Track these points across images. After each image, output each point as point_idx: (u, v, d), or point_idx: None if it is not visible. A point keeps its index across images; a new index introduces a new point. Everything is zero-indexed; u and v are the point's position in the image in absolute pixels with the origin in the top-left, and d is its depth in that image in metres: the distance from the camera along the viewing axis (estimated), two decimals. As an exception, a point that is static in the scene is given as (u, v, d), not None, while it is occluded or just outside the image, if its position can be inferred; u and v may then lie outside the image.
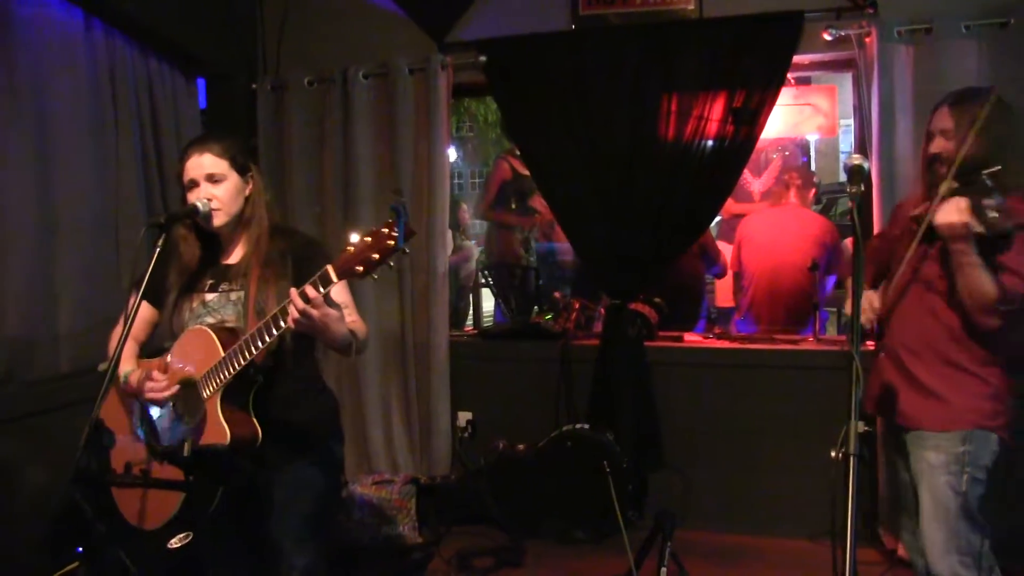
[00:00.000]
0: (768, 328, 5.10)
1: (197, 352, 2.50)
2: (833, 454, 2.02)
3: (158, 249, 2.45)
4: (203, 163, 2.57)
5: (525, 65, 4.70)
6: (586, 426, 4.48)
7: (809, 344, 4.67)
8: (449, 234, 4.98)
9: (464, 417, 4.96)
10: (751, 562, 4.25)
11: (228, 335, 2.47)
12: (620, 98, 4.53)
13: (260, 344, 2.34)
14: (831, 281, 5.35)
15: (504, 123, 4.96)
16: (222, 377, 2.41)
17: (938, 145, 2.80)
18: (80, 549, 3.80)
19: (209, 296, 2.61)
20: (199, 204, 2.52)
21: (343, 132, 4.93)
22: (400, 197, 2.18)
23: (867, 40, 4.24)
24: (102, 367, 4.20)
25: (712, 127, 4.44)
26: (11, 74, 3.78)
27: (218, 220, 2.57)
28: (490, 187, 6.49)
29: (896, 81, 4.17)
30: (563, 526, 4.46)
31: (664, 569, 3.58)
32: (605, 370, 4.62)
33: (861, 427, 2.00)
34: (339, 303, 2.44)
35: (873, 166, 4.18)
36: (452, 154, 7.96)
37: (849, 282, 2.96)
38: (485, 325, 6.39)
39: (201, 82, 5.16)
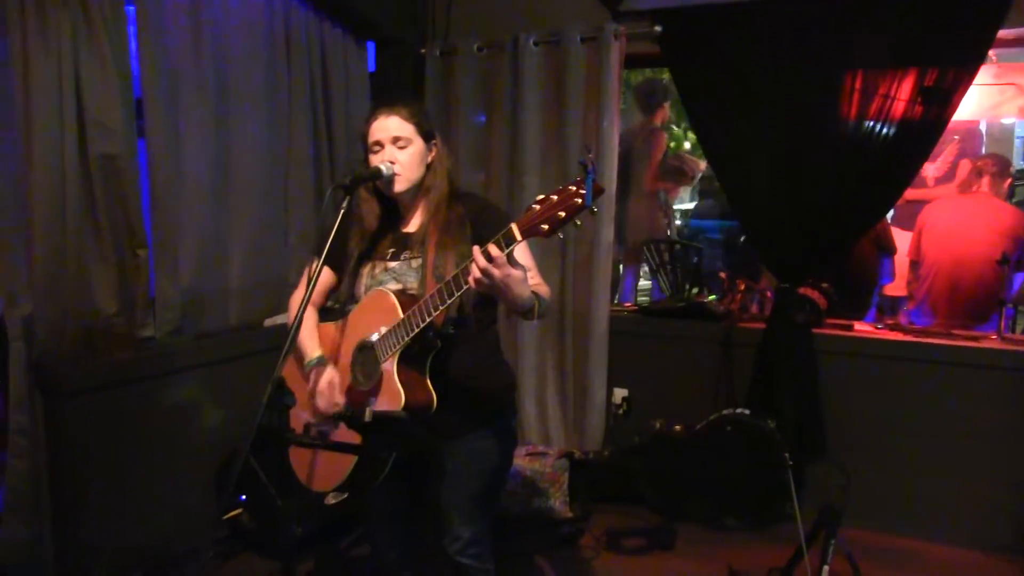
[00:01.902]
0: (945, 321, 4.84)
1: (377, 315, 2.48)
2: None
3: (342, 213, 2.44)
4: (389, 126, 2.55)
5: (701, 37, 4.55)
6: (747, 412, 4.35)
7: (992, 342, 4.39)
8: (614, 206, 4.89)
9: (620, 394, 4.90)
10: (919, 568, 4.06)
11: (409, 300, 2.44)
12: (799, 74, 4.33)
13: (440, 305, 2.28)
14: (1019, 277, 5.03)
15: (679, 97, 4.81)
16: (400, 340, 2.38)
17: None
18: (243, 497, 3.96)
19: (392, 263, 2.59)
20: (383, 168, 2.50)
21: (511, 99, 4.89)
22: (589, 154, 2.06)
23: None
24: (268, 323, 4.33)
25: (898, 107, 4.19)
26: (195, 34, 3.88)
27: (400, 185, 2.55)
28: (654, 158, 6.37)
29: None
30: (716, 512, 4.37)
31: (827, 567, 3.44)
32: (769, 355, 4.47)
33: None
34: (522, 265, 2.32)
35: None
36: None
37: None
38: (639, 301, 6.26)
39: (371, 45, 5.21)
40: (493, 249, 2.09)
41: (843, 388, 4.46)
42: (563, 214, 2.01)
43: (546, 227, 2.04)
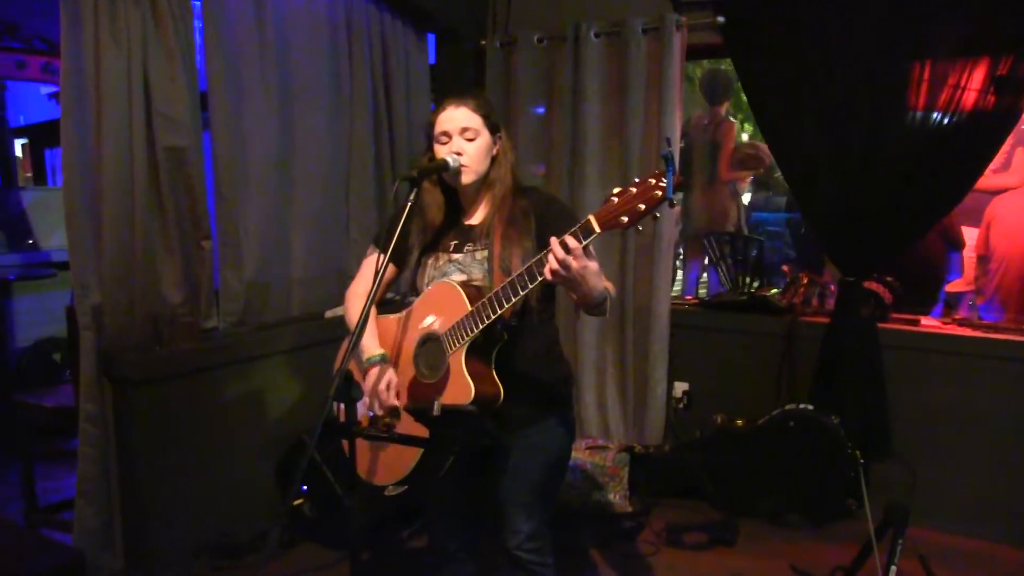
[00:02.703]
0: (1017, 317, 4.72)
1: (443, 307, 2.47)
2: None
3: (409, 205, 2.41)
4: (458, 116, 2.54)
5: (763, 27, 4.47)
6: (810, 407, 4.29)
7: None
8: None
9: (680, 387, 4.87)
10: (983, 569, 3.95)
11: (475, 292, 2.43)
12: (864, 63, 4.23)
13: (512, 297, 2.26)
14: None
15: (742, 87, 4.76)
16: (469, 332, 2.36)
17: None
18: (305, 488, 4.01)
19: (456, 256, 2.58)
20: (450, 159, 2.49)
21: (572, 91, 4.87)
22: (669, 147, 2.04)
23: None
24: (329, 314, 4.36)
25: (970, 97, 4.07)
26: (259, 28, 3.92)
27: (466, 177, 2.54)
28: (726, 148, 6.32)
29: None
30: (778, 508, 4.31)
31: (894, 567, 3.37)
32: (833, 350, 4.40)
33: None
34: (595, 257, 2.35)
35: None
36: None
37: None
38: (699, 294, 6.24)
39: (431, 37, 5.22)
40: (571, 240, 2.07)
41: (909, 384, 4.37)
42: (643, 207, 2.01)
43: (626, 219, 2.03)
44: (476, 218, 2.63)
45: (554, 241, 2.09)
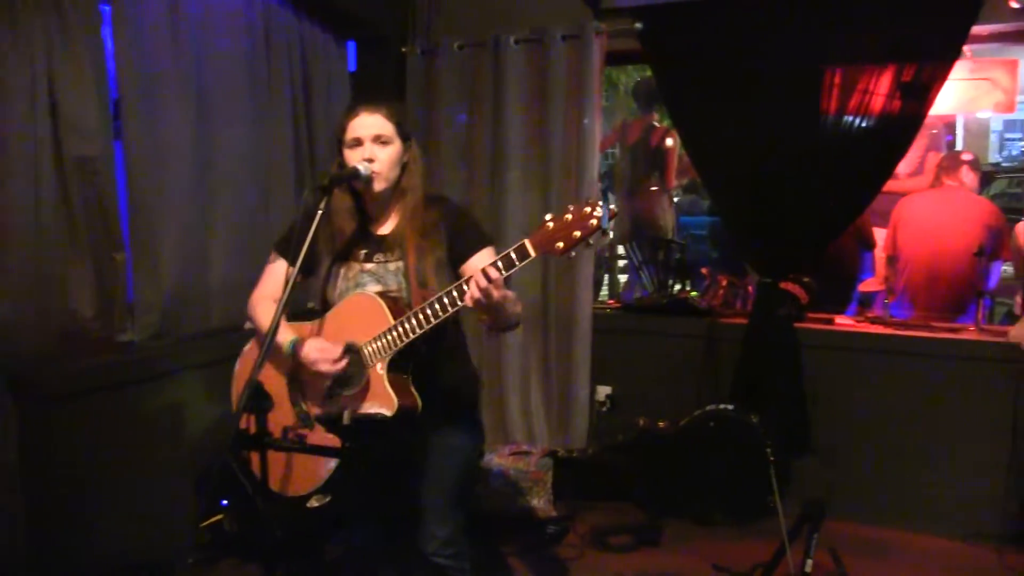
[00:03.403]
0: (924, 314, 4.88)
1: (362, 319, 2.45)
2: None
3: (319, 214, 2.41)
4: (371, 123, 2.52)
5: (682, 33, 4.56)
6: (730, 407, 4.36)
7: (971, 333, 4.43)
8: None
9: (603, 391, 4.90)
10: (902, 558, 4.08)
11: (394, 304, 2.44)
12: (779, 70, 4.35)
13: (433, 319, 2.31)
14: (996, 267, 5.08)
15: (659, 92, 4.85)
16: (392, 346, 2.38)
17: None
18: (225, 503, 3.93)
19: (368, 265, 2.58)
20: (361, 167, 2.48)
21: (493, 98, 4.90)
22: (604, 183, 2.13)
23: (1064, 7, 3.95)
24: (249, 325, 4.30)
25: (877, 102, 4.24)
26: (174, 34, 3.85)
27: (379, 185, 2.53)
28: (672, 155, 6.44)
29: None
30: (702, 508, 4.36)
31: (810, 560, 3.46)
32: (752, 350, 4.49)
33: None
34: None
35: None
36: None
37: None
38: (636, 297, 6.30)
39: (352, 44, 5.20)
40: (492, 271, 2.15)
41: (826, 381, 4.48)
42: (578, 234, 2.08)
43: (561, 245, 2.10)
44: (386, 227, 2.63)
45: (477, 272, 2.15)
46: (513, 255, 2.15)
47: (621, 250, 6.91)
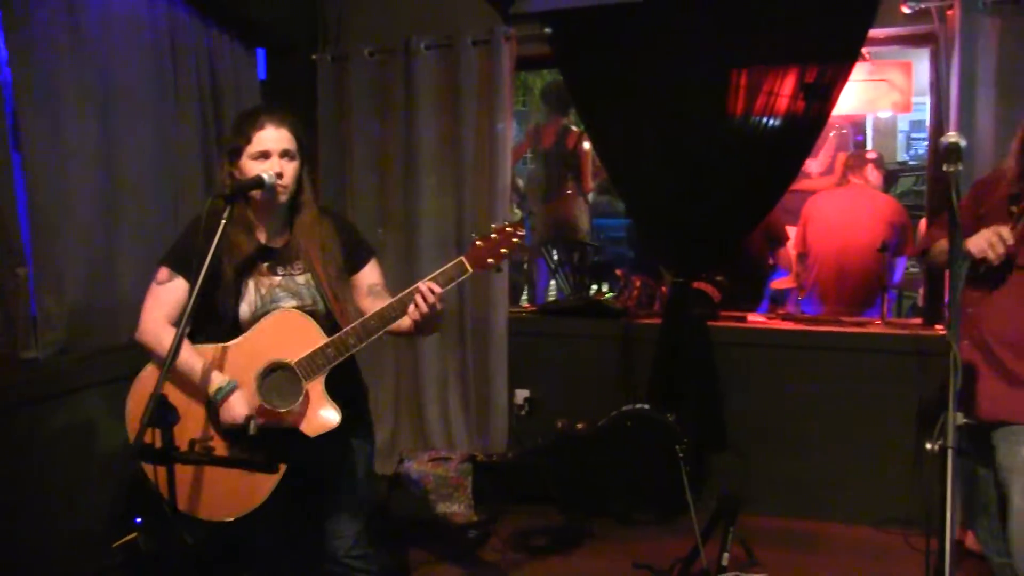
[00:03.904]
0: (834, 309, 5.00)
1: (291, 336, 2.48)
2: (928, 446, 1.91)
3: (223, 224, 2.37)
4: (280, 137, 2.51)
5: (591, 37, 4.60)
6: (647, 406, 4.41)
7: (877, 327, 4.56)
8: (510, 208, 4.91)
9: (522, 395, 4.91)
10: (816, 547, 4.18)
11: (324, 320, 2.52)
12: (688, 72, 4.42)
13: (373, 334, 2.46)
14: (901, 262, 5.24)
15: (570, 96, 4.90)
16: (329, 361, 2.46)
17: None
18: (139, 520, 3.84)
19: (276, 279, 2.56)
20: (265, 176, 2.44)
21: (404, 104, 4.89)
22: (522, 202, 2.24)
23: (948, 13, 4.11)
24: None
25: (782, 103, 4.33)
26: (73, 41, 3.76)
27: (283, 197, 2.52)
28: (587, 158, 6.49)
29: (979, 56, 4.02)
30: (623, 507, 4.41)
31: (727, 554, 3.53)
32: (667, 349, 4.55)
33: (960, 419, 1.88)
34: (375, 282, 2.70)
35: (950, 143, 4.04)
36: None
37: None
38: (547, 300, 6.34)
39: (261, 52, 5.14)
40: (436, 287, 2.41)
41: (740, 378, 4.57)
42: (505, 250, 2.47)
43: (492, 261, 2.46)
44: (278, 240, 2.63)
45: (425, 287, 2.41)
46: (452, 272, 2.46)
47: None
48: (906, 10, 4.17)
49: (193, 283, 2.32)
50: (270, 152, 2.49)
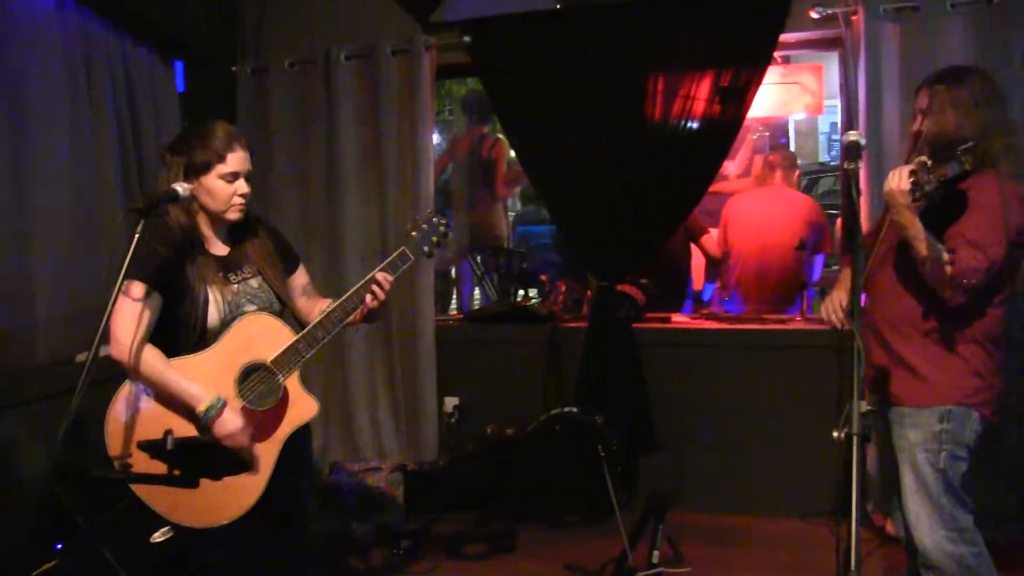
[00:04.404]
0: (756, 308, 5.10)
1: (263, 337, 2.60)
2: (835, 434, 1.97)
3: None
4: (246, 159, 2.60)
5: (510, 45, 4.66)
6: (575, 409, 4.44)
7: (798, 323, 4.66)
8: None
9: (451, 402, 4.92)
10: (744, 542, 4.24)
11: (285, 319, 2.71)
12: (607, 78, 4.49)
13: (338, 324, 2.65)
14: (819, 260, 5.36)
15: (491, 104, 4.94)
16: (301, 356, 2.61)
17: (919, 123, 2.80)
18: (60, 546, 3.74)
19: (234, 286, 2.64)
20: (179, 188, 2.47)
21: (326, 114, 4.89)
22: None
23: (854, 18, 4.24)
24: (81, 358, 4.12)
25: (699, 107, 4.43)
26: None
27: (240, 215, 2.63)
28: (500, 165, 6.53)
29: (883, 59, 4.15)
30: (554, 510, 4.44)
31: (656, 552, 3.59)
32: (594, 352, 4.59)
33: (864, 406, 1.94)
34: (306, 283, 2.88)
35: (861, 144, 4.16)
36: (435, 137, 7.95)
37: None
38: (473, 309, 6.36)
39: (179, 64, 5.08)
40: (388, 275, 2.71)
41: (666, 378, 4.63)
42: (436, 239, 2.83)
43: (427, 249, 2.82)
44: (222, 248, 2.68)
45: (380, 277, 2.69)
46: (398, 260, 2.75)
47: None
48: (814, 15, 4.28)
49: (167, 296, 2.48)
50: (239, 173, 2.57)
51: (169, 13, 4.70)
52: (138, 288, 2.45)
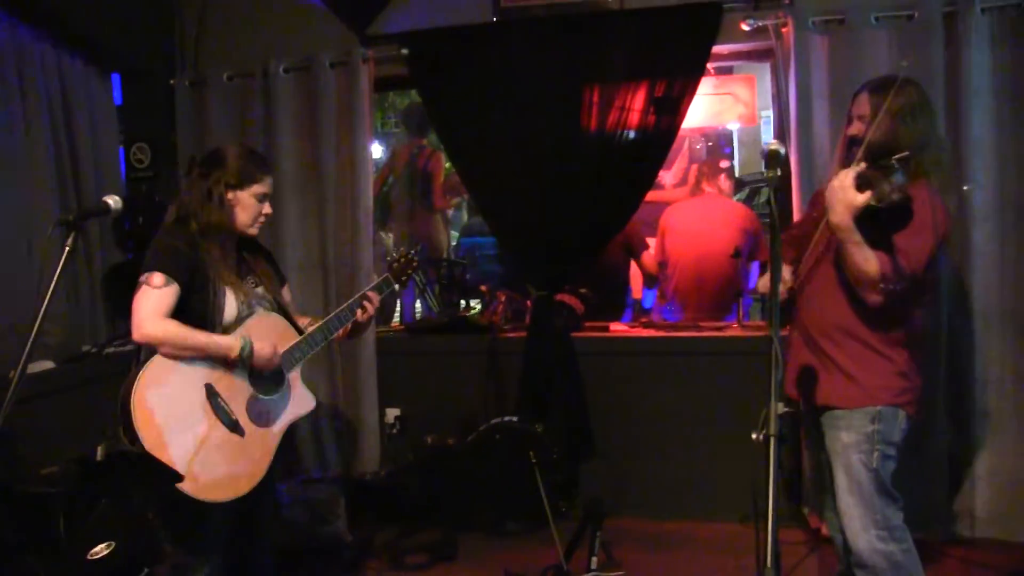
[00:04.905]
0: (694, 316, 5.16)
1: (273, 333, 2.85)
2: (754, 436, 2.04)
3: (66, 253, 2.49)
4: (272, 185, 2.94)
5: (447, 57, 4.69)
6: (515, 418, 4.47)
7: (734, 330, 4.74)
8: (372, 229, 4.93)
9: (392, 413, 4.92)
10: (683, 547, 4.29)
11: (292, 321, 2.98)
12: (543, 90, 4.54)
13: (336, 331, 3.02)
14: (755, 268, 5.44)
15: (428, 115, 4.98)
16: (303, 354, 2.93)
17: (855, 128, 2.89)
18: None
19: (247, 288, 2.88)
20: (111, 201, 2.57)
21: (264, 127, 4.90)
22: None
23: (784, 30, 4.33)
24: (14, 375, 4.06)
25: (634, 117, 4.48)
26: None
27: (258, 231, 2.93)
28: (437, 177, 6.57)
29: (812, 70, 4.26)
30: (496, 518, 4.46)
31: (595, 559, 3.62)
32: (533, 362, 4.63)
33: (781, 408, 2.01)
34: (291, 299, 3.13)
35: (792, 153, 4.28)
36: (378, 149, 7.96)
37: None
38: (415, 320, 6.37)
39: (116, 77, 5.05)
40: (375, 295, 3.12)
41: (606, 386, 4.68)
42: (410, 271, 3.33)
43: (404, 279, 3.31)
44: (233, 257, 2.92)
45: (372, 296, 3.11)
46: (383, 285, 3.22)
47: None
48: (745, 27, 4.37)
49: (184, 288, 2.67)
50: (268, 195, 2.88)
51: (105, 26, 4.69)
52: (159, 278, 2.65)
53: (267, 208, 2.89)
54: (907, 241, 2.65)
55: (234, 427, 2.72)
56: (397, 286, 3.27)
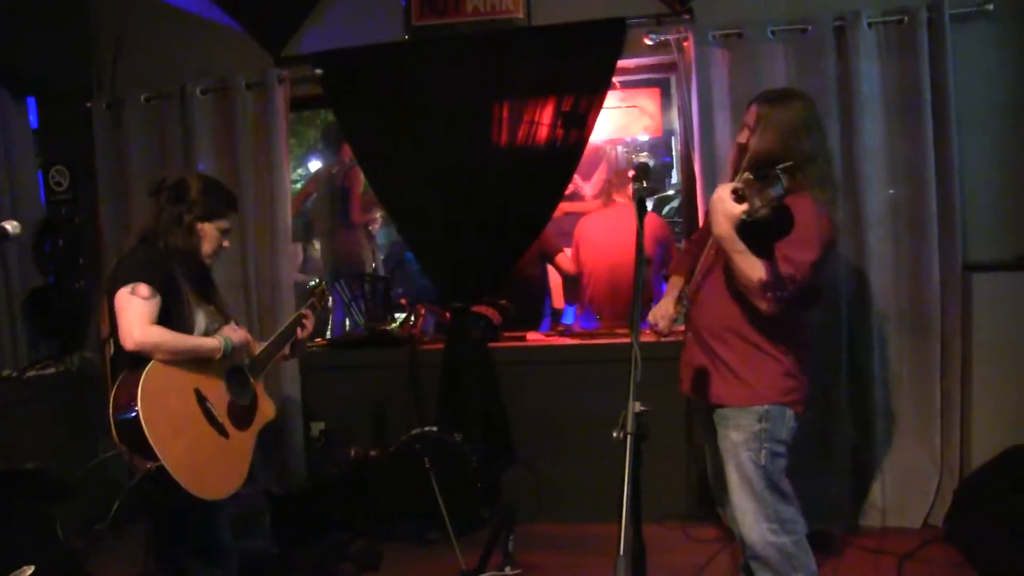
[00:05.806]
0: (609, 323, 5.27)
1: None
2: (615, 434, 2.16)
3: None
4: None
5: (360, 76, 4.79)
6: (435, 428, 4.56)
7: (648, 336, 4.84)
8: (293, 246, 5.00)
9: (317, 427, 4.99)
10: (598, 548, 4.33)
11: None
12: (455, 106, 4.66)
13: (283, 345, 3.37)
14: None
15: (342, 133, 5.07)
16: (263, 366, 3.24)
17: (742, 136, 3.01)
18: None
19: (209, 307, 3.05)
20: (8, 227, 2.79)
21: (183, 149, 4.95)
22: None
23: (685, 44, 4.47)
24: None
25: (543, 131, 4.61)
26: None
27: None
28: (356, 191, 6.64)
29: (713, 82, 4.41)
30: (418, 528, 4.51)
31: (509, 568, 3.72)
32: (451, 373, 4.72)
33: (638, 407, 2.13)
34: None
35: (696, 162, 4.43)
36: (316, 166, 8.01)
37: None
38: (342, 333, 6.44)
39: (31, 100, 5.07)
40: (310, 312, 3.48)
41: (523, 394, 4.80)
42: (323, 300, 3.70)
43: (319, 304, 3.65)
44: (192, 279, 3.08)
45: (308, 313, 3.47)
46: (315, 301, 3.60)
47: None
48: (648, 42, 4.52)
49: (165, 301, 2.82)
50: (229, 231, 3.12)
51: (18, 49, 4.70)
52: (145, 288, 2.80)
53: (226, 242, 3.12)
54: (790, 250, 2.75)
55: (221, 430, 2.95)
56: (320, 307, 3.65)
